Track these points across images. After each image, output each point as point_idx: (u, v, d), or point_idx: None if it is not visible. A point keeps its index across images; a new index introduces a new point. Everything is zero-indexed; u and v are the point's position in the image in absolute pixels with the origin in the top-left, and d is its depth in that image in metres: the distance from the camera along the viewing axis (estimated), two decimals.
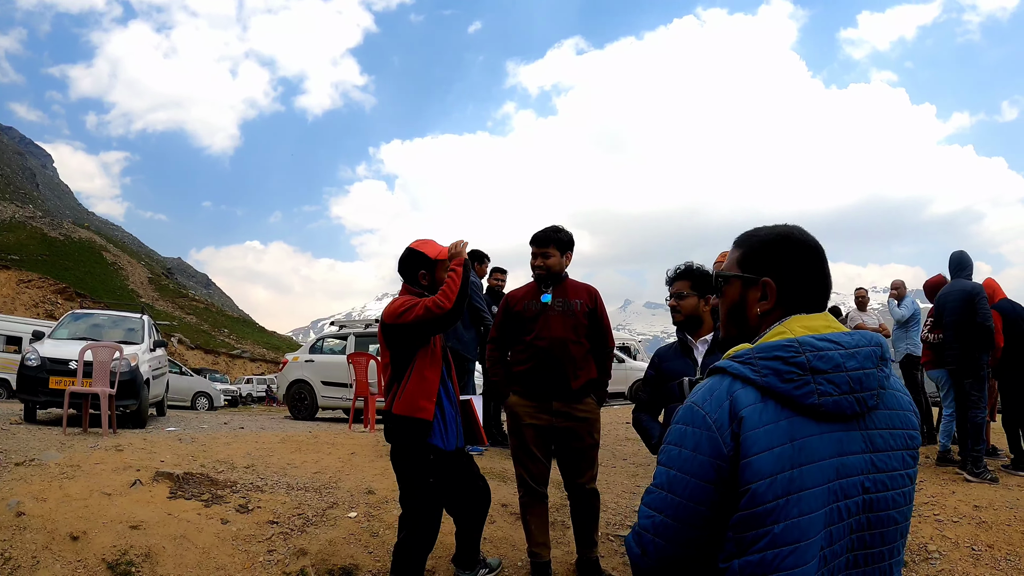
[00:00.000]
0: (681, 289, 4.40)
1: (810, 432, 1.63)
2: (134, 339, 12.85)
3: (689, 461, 1.65)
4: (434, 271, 4.54)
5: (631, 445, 10.25)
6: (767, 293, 1.86)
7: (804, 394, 1.63)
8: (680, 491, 1.66)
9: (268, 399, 44.77)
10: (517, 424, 5.11)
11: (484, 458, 8.20)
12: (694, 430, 1.67)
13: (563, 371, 5.02)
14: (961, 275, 8.29)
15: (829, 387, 1.65)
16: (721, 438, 1.62)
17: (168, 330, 56.72)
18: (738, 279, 1.93)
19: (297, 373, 15.73)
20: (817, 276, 1.86)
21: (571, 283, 5.25)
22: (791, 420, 1.63)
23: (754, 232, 1.97)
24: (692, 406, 1.70)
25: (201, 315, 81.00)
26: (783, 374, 1.64)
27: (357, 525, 5.84)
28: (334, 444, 8.77)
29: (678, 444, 1.69)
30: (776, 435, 1.60)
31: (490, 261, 9.84)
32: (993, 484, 7.61)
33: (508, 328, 5.25)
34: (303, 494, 6.41)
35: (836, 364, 1.67)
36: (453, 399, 4.60)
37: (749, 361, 1.69)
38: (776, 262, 1.86)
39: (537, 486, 5.09)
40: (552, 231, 5.15)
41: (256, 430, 11.08)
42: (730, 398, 1.65)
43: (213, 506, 5.87)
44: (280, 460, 7.68)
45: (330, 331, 17.02)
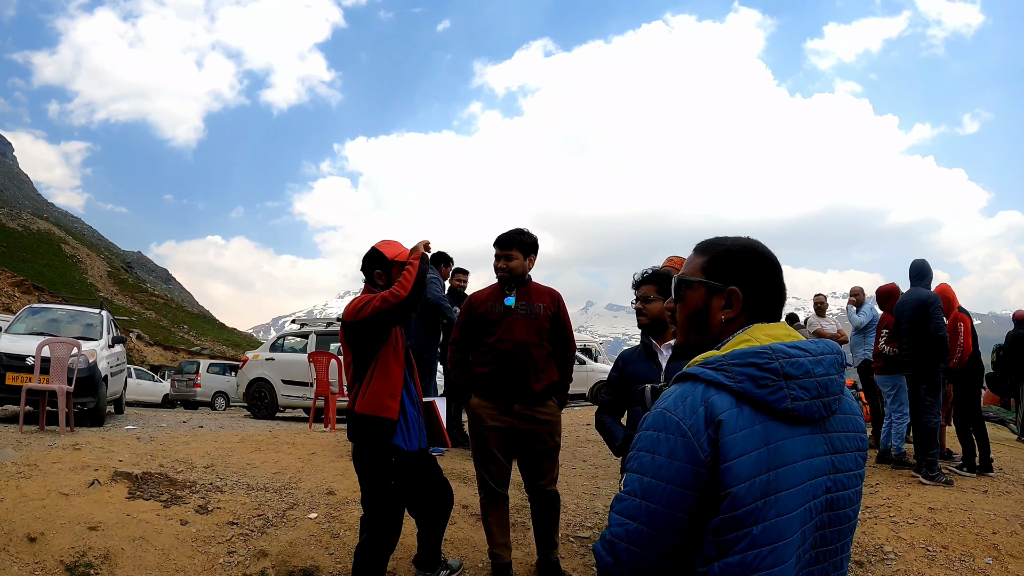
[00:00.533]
0: (647, 293, 4.48)
1: (783, 435, 1.67)
2: (93, 335, 12.68)
3: (665, 467, 1.65)
4: (390, 271, 4.54)
5: (591, 447, 10.31)
6: (732, 302, 1.89)
7: (778, 399, 1.67)
8: (656, 498, 1.66)
9: None
10: (479, 426, 5.14)
11: (445, 459, 8.21)
12: (668, 436, 1.67)
13: (525, 374, 5.06)
14: (920, 284, 8.44)
15: (800, 392, 1.70)
16: (698, 444, 1.63)
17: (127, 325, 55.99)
18: (703, 285, 1.95)
19: (257, 371, 15.67)
20: (776, 288, 1.91)
21: (534, 286, 5.28)
22: (765, 424, 1.66)
23: (719, 241, 2.00)
24: (664, 412, 1.70)
25: (160, 311, 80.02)
26: (758, 380, 1.68)
27: (318, 526, 5.84)
28: (294, 444, 8.74)
29: (651, 451, 1.69)
30: (752, 439, 1.64)
31: (454, 264, 9.85)
32: (948, 487, 7.78)
33: (470, 330, 5.27)
34: (263, 495, 6.40)
35: (806, 370, 1.72)
36: (416, 400, 4.61)
37: (722, 367, 1.71)
38: (742, 272, 1.90)
39: (498, 488, 5.13)
40: (516, 233, 5.18)
41: (215, 429, 10.98)
42: (705, 404, 1.67)
43: (172, 507, 5.85)
44: (240, 460, 7.65)
45: (291, 329, 16.93)
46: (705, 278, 1.94)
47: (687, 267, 2.01)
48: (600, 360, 24.62)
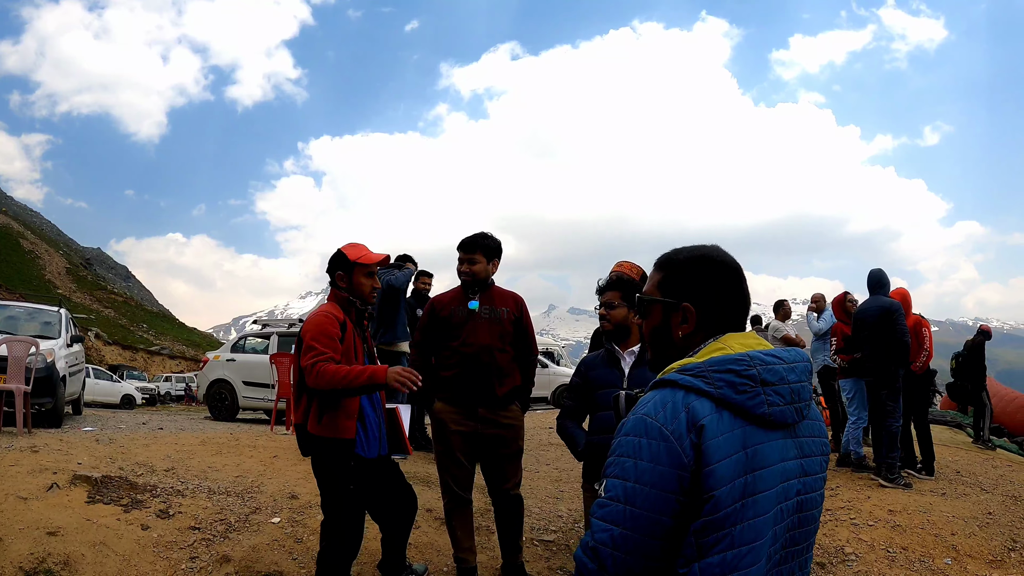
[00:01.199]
0: (611, 299, 4.56)
1: (760, 440, 1.73)
2: (51, 333, 12.47)
3: (648, 472, 1.68)
4: (352, 274, 4.48)
5: (554, 450, 10.35)
6: (687, 317, 1.94)
7: (756, 404, 1.73)
8: (640, 502, 1.68)
9: (187, 398, 43.95)
10: (443, 430, 5.13)
11: (408, 463, 8.20)
12: (650, 441, 1.70)
13: (489, 378, 5.07)
14: (879, 292, 8.61)
15: (776, 398, 1.76)
16: (681, 448, 1.67)
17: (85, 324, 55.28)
18: (660, 303, 2.00)
19: (218, 372, 15.53)
20: (736, 296, 1.96)
21: (497, 290, 5.29)
22: (744, 429, 1.71)
23: (674, 254, 2.04)
24: (644, 418, 1.73)
25: (119, 309, 79.20)
26: (737, 386, 1.73)
27: (281, 531, 5.81)
28: (255, 446, 8.70)
29: (633, 456, 1.71)
30: (732, 443, 1.69)
31: (418, 266, 9.83)
32: (907, 489, 7.92)
33: (433, 333, 5.25)
34: (225, 499, 6.35)
35: (781, 377, 1.79)
36: (377, 405, 4.59)
37: (702, 374, 1.75)
38: (696, 285, 1.95)
39: (462, 492, 5.13)
40: (479, 237, 5.18)
41: (175, 431, 10.91)
42: (686, 409, 1.70)
43: (133, 511, 5.78)
44: (201, 463, 7.59)
45: (253, 330, 16.81)
46: (661, 295, 2.00)
47: (648, 284, 2.07)
48: (562, 364, 24.70)
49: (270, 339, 15.46)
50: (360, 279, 4.49)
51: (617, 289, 4.59)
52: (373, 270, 4.55)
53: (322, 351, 4.16)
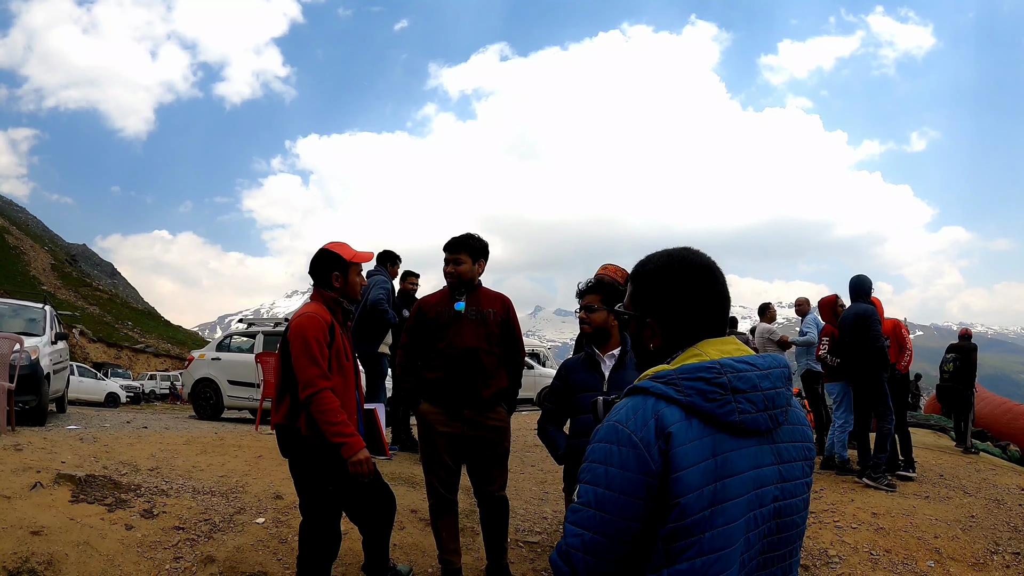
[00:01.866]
0: (591, 302, 4.60)
1: (731, 447, 1.74)
2: (35, 330, 12.38)
3: (617, 479, 1.71)
4: (347, 273, 4.48)
5: (539, 451, 10.35)
6: (655, 331, 1.96)
7: (726, 412, 1.74)
8: (610, 508, 1.70)
9: (172, 396, 43.79)
10: (428, 432, 5.12)
11: (393, 463, 8.20)
12: (620, 448, 1.72)
13: (475, 380, 5.05)
14: (860, 299, 8.71)
15: (748, 405, 1.77)
16: (649, 455, 1.69)
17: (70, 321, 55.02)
18: (631, 318, 2.04)
19: (203, 371, 15.44)
20: (710, 300, 1.94)
21: (484, 291, 5.27)
22: (713, 436, 1.73)
23: (643, 264, 2.04)
24: (616, 425, 1.76)
25: (104, 306, 78.77)
26: (707, 394, 1.74)
27: (265, 531, 5.79)
28: (240, 446, 8.67)
29: (604, 462, 1.74)
30: (701, 450, 1.70)
31: (401, 262, 9.80)
32: (890, 491, 7.98)
33: (420, 334, 5.23)
34: (209, 498, 6.33)
35: (753, 384, 1.79)
36: (357, 406, 4.57)
37: (672, 382, 1.77)
38: (663, 298, 1.95)
39: (447, 494, 5.13)
40: (465, 238, 5.17)
41: (160, 430, 10.86)
42: (655, 417, 1.72)
43: (117, 511, 5.74)
44: (185, 462, 7.57)
45: (238, 328, 16.75)
46: (633, 309, 2.04)
47: (627, 295, 2.09)
48: (548, 365, 24.71)
49: (256, 338, 15.39)
50: (354, 278, 4.50)
51: (597, 292, 4.63)
52: (362, 268, 4.59)
53: (325, 374, 4.18)
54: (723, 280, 1.98)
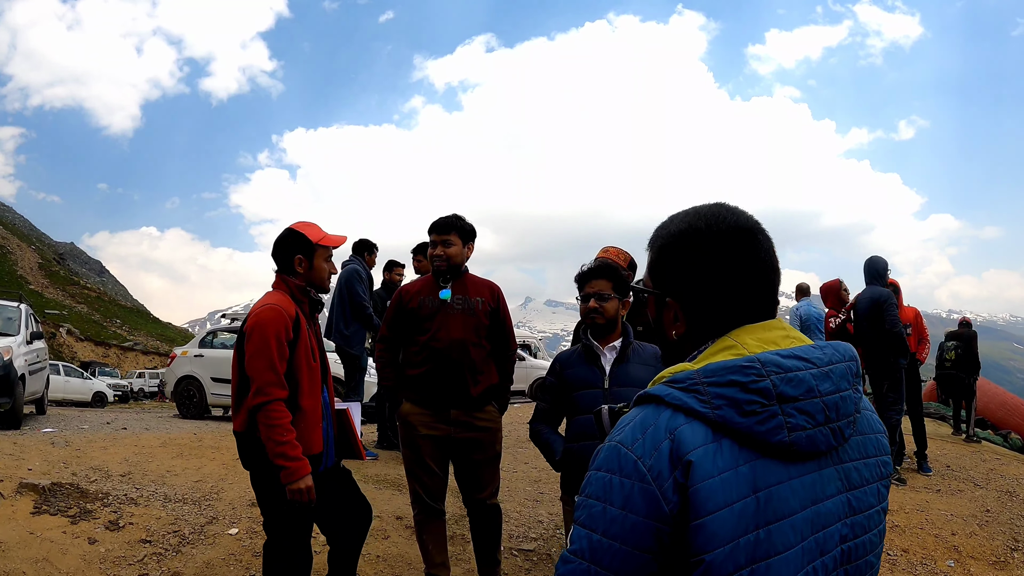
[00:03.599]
0: (603, 289, 4.05)
1: (778, 478, 1.27)
2: (9, 330, 12.00)
3: (617, 522, 1.25)
4: (312, 257, 3.94)
5: (532, 448, 9.96)
6: (677, 315, 1.49)
7: (770, 430, 1.26)
8: (607, 561, 1.26)
9: (160, 395, 43.49)
10: (411, 435, 4.67)
11: (378, 465, 7.84)
12: (622, 480, 1.27)
13: (462, 376, 4.62)
14: (876, 282, 8.37)
15: (801, 419, 1.29)
16: (660, 491, 1.23)
17: (57, 320, 54.64)
18: (650, 295, 1.57)
19: (186, 368, 14.96)
20: (748, 273, 1.45)
21: (471, 278, 4.83)
22: (753, 464, 1.26)
23: (664, 226, 1.56)
24: (618, 448, 1.30)
25: (93, 304, 78.41)
26: (742, 404, 1.26)
27: (238, 543, 5.40)
28: (218, 448, 8.26)
29: (602, 499, 1.29)
30: (736, 486, 1.23)
31: (379, 251, 9.41)
32: (900, 485, 7.73)
33: (400, 326, 4.79)
34: (180, 507, 5.94)
35: (808, 388, 1.31)
36: (326, 409, 4.03)
37: (694, 388, 1.30)
38: (684, 269, 1.47)
39: (433, 503, 4.69)
40: (454, 218, 4.73)
41: (139, 431, 10.41)
42: (670, 437, 1.26)
43: (81, 522, 5.35)
44: (159, 467, 7.17)
45: (222, 324, 16.36)
46: (651, 284, 1.56)
47: (646, 267, 1.61)
48: (539, 356, 24.36)
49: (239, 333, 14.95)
50: (321, 263, 3.97)
51: (607, 277, 4.08)
52: (331, 254, 4.05)
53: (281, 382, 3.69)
54: (769, 245, 1.48)
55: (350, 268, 8.77)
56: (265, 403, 3.61)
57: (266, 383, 3.64)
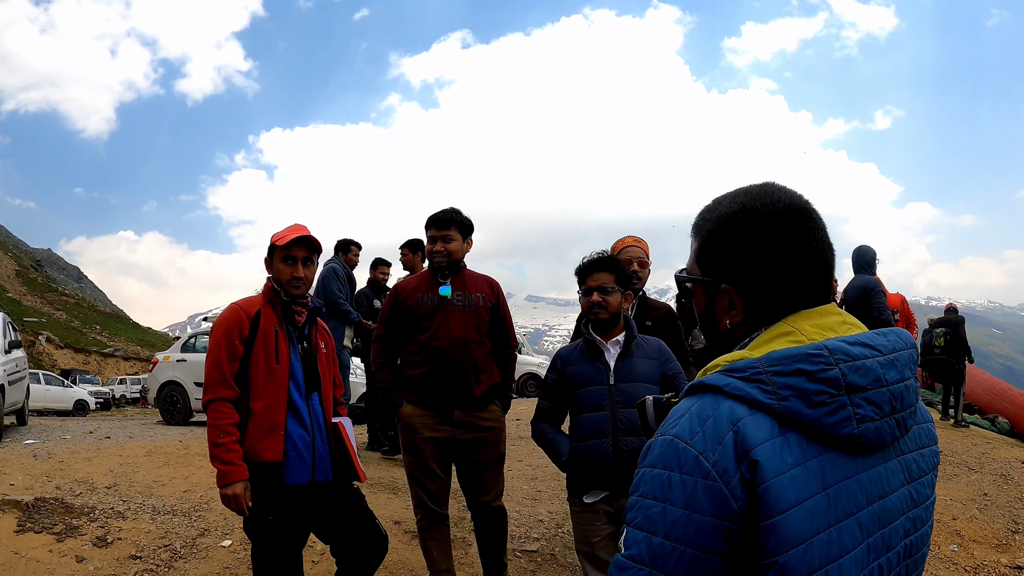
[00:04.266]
0: (606, 283, 3.91)
1: (846, 473, 1.20)
2: None
3: (680, 524, 1.16)
4: (272, 258, 3.82)
5: (525, 445, 9.83)
6: (733, 303, 1.40)
7: (839, 422, 1.19)
8: (671, 567, 1.17)
9: (143, 401, 43.11)
10: (413, 438, 4.52)
11: (371, 467, 7.69)
12: (683, 477, 1.18)
13: (464, 376, 4.49)
14: (864, 271, 8.46)
15: (870, 409, 1.21)
16: (728, 488, 1.15)
17: (36, 327, 54.13)
18: (700, 283, 1.47)
19: (168, 374, 14.69)
20: (804, 256, 1.37)
21: (470, 274, 4.71)
22: (821, 459, 1.19)
23: (711, 210, 1.47)
24: (675, 442, 1.21)
25: (72, 311, 77.77)
26: (810, 395, 1.18)
27: (232, 556, 5.23)
28: (205, 455, 7.93)
29: (660, 498, 1.19)
30: (806, 482, 1.16)
31: (360, 249, 9.24)
32: None
33: (398, 325, 4.64)
34: (170, 519, 5.76)
35: (876, 377, 1.23)
36: (306, 418, 3.77)
37: (758, 377, 1.22)
38: (740, 254, 1.39)
39: (437, 507, 4.55)
40: (454, 212, 4.61)
41: (123, 440, 10.18)
42: (734, 429, 1.18)
43: (67, 540, 5.17)
44: (146, 477, 6.98)
45: (205, 327, 16.14)
46: (700, 272, 1.46)
47: (689, 256, 1.52)
48: (524, 352, 24.22)
49: None
50: (279, 264, 3.79)
51: (610, 270, 3.94)
52: (294, 254, 3.78)
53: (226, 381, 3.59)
54: (823, 226, 1.40)
55: (327, 267, 8.64)
56: (208, 401, 3.58)
57: (210, 381, 3.61)
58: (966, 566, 5.77)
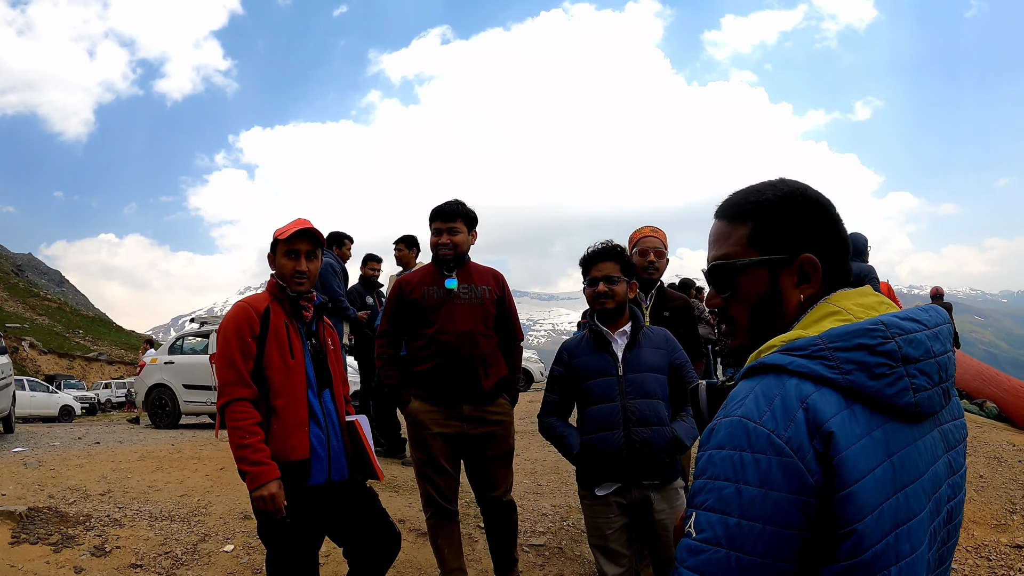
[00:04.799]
0: (612, 272, 3.86)
1: (906, 440, 1.28)
2: None
3: (758, 501, 1.19)
4: (275, 252, 3.72)
5: (523, 438, 9.75)
6: (809, 273, 1.44)
7: (898, 392, 1.26)
8: (750, 546, 1.19)
9: (129, 404, 42.82)
10: (422, 434, 4.44)
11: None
12: (756, 456, 1.21)
13: (473, 369, 4.42)
14: (857, 259, 8.43)
15: (923, 379, 1.29)
16: (804, 464, 1.19)
17: (19, 333, 53.71)
18: (763, 265, 1.47)
19: (156, 377, 14.46)
20: (839, 240, 1.48)
21: (475, 266, 4.65)
22: (884, 428, 1.25)
23: (755, 196, 1.52)
24: (744, 423, 1.25)
25: (54, 315, 77.28)
26: (872, 368, 1.25)
27: (235, 561, 5.12)
28: (199, 458, 7.93)
29: (734, 479, 1.22)
30: (873, 452, 1.22)
31: (352, 242, 9.14)
32: None
33: (402, 319, 4.57)
34: (169, 525, 5.64)
35: (926, 349, 1.31)
36: (321, 417, 3.68)
37: (820, 354, 1.26)
38: (805, 231, 1.46)
39: (447, 504, 4.47)
40: (458, 204, 4.54)
41: (113, 444, 10.04)
42: (804, 406, 1.22)
43: (64, 550, 5.03)
44: (140, 482, 6.86)
45: (190, 328, 15.95)
46: (762, 253, 1.48)
47: (722, 245, 1.53)
48: None
49: (209, 337, 14.49)
50: (281, 259, 3.69)
51: (615, 260, 3.89)
52: (297, 247, 3.68)
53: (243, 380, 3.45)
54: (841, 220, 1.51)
55: (324, 263, 8.53)
56: (226, 403, 3.42)
57: (226, 382, 3.45)
58: (967, 546, 5.86)
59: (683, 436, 3.75)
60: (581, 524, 6.25)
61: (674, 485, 3.84)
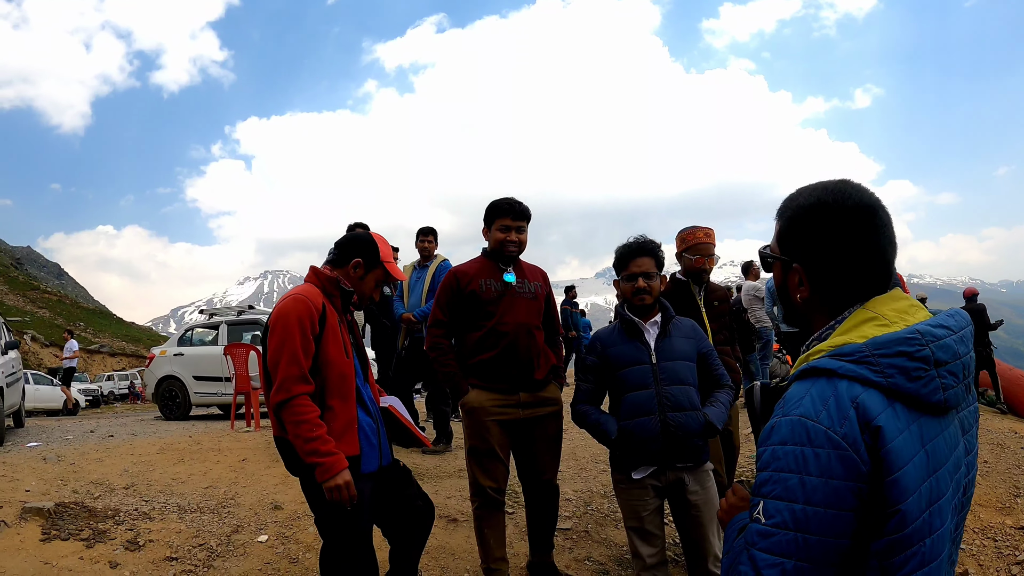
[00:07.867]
0: (649, 268, 4.08)
1: (935, 432, 1.52)
2: None
3: (820, 489, 1.43)
4: (371, 270, 3.74)
5: None
6: (801, 280, 1.68)
7: (932, 391, 1.49)
8: (815, 527, 1.42)
9: (132, 396, 42.72)
10: (482, 421, 4.51)
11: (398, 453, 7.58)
12: (816, 450, 1.44)
13: (530, 359, 4.56)
14: None
15: (950, 379, 1.52)
16: (858, 456, 1.42)
17: (20, 327, 53.64)
18: (776, 260, 1.77)
19: (166, 368, 14.48)
20: (871, 248, 1.62)
21: (525, 264, 4.81)
22: (919, 422, 1.49)
23: (793, 199, 1.72)
24: (804, 421, 1.46)
25: (54, 308, 77.15)
26: (910, 371, 1.47)
27: (271, 551, 5.14)
28: (220, 450, 7.93)
29: (797, 471, 1.45)
30: (911, 443, 1.46)
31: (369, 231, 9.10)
32: None
33: (458, 310, 4.65)
34: (199, 517, 5.64)
35: (954, 352, 1.53)
36: (369, 406, 3.74)
37: (866, 360, 1.48)
38: (810, 239, 1.66)
39: (498, 494, 4.55)
40: (520, 204, 4.66)
41: (127, 437, 10.01)
42: (855, 405, 1.45)
43: (97, 545, 5.02)
44: (163, 475, 6.86)
45: (198, 319, 15.91)
46: (779, 251, 1.75)
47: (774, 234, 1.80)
48: None
49: (219, 329, 14.48)
50: (371, 280, 3.77)
51: (651, 255, 4.12)
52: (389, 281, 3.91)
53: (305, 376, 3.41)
54: (888, 221, 1.65)
55: None
56: (287, 400, 3.37)
57: (288, 378, 3.38)
58: (974, 528, 6.16)
59: (715, 420, 3.95)
60: (604, 508, 6.27)
61: (705, 467, 4.05)
